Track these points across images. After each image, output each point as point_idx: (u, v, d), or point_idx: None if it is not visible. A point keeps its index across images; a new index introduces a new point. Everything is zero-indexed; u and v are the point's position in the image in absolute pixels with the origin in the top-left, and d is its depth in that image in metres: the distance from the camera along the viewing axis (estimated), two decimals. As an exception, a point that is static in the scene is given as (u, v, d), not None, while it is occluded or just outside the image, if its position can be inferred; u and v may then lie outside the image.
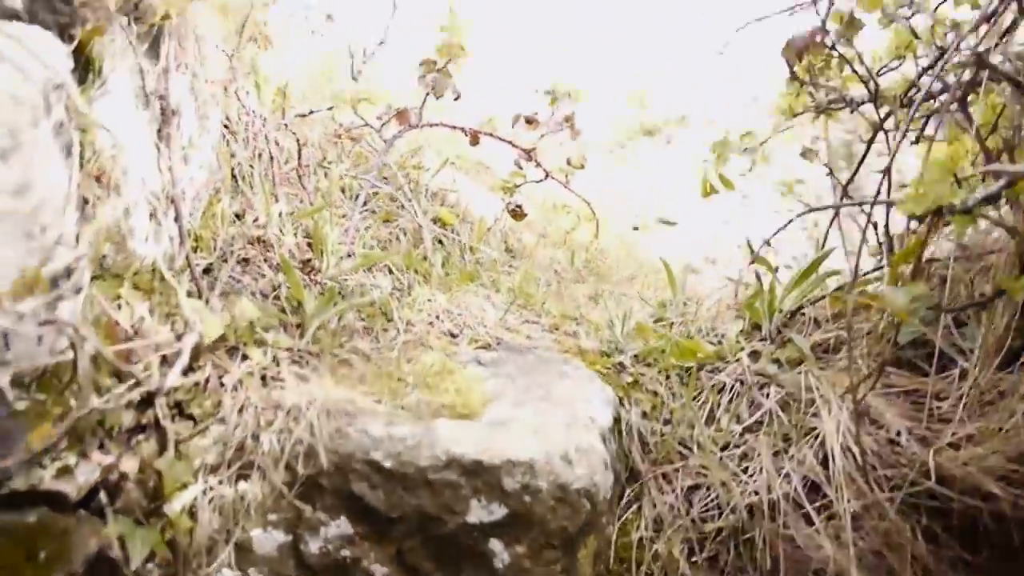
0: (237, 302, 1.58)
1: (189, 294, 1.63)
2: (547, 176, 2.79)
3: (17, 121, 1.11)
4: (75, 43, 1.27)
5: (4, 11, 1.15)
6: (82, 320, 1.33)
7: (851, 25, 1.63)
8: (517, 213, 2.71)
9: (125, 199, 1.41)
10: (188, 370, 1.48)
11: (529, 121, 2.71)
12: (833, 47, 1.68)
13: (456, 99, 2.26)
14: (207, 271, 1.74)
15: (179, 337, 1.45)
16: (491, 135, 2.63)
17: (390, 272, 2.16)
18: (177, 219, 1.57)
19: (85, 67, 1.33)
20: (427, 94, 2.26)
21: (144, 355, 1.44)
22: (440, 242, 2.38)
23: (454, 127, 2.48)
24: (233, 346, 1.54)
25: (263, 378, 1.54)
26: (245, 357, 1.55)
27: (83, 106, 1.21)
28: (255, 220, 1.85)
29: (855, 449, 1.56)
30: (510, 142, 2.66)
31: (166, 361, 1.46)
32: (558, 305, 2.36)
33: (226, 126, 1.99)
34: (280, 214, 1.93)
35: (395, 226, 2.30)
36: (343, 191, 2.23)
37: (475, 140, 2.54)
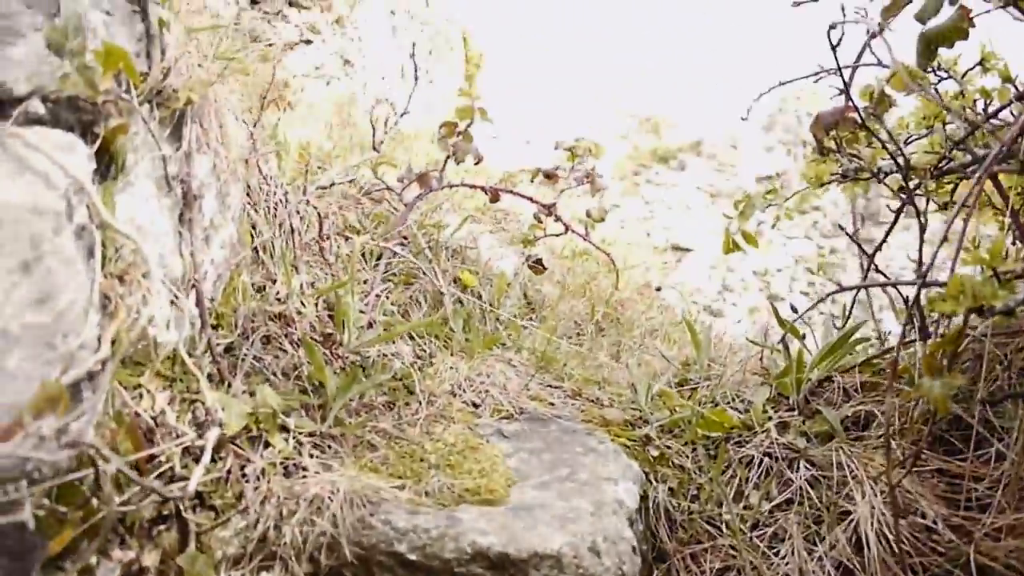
0: (259, 388, 1.56)
1: (211, 377, 1.62)
2: (567, 230, 2.78)
3: (39, 231, 1.10)
4: (99, 141, 1.27)
5: (28, 118, 1.15)
6: (103, 417, 1.31)
7: (881, 102, 1.60)
8: (536, 268, 2.69)
9: (147, 289, 1.40)
10: (210, 461, 1.46)
11: (549, 176, 2.70)
12: (863, 124, 1.65)
13: (477, 163, 2.25)
14: (229, 350, 1.72)
15: (201, 431, 1.43)
16: (512, 192, 2.62)
17: (412, 338, 2.14)
18: (199, 303, 1.56)
19: (108, 162, 1.32)
20: (447, 157, 2.25)
21: (166, 445, 1.42)
22: (460, 302, 2.35)
23: (475, 186, 2.47)
24: (255, 434, 1.53)
25: (285, 467, 1.51)
26: (267, 444, 1.53)
27: (106, 214, 1.20)
28: (276, 294, 1.84)
29: (890, 536, 1.52)
30: (530, 198, 2.65)
31: (188, 452, 1.44)
32: (580, 367, 2.33)
33: (247, 195, 1.98)
34: (301, 286, 1.92)
35: (415, 289, 2.28)
36: (364, 255, 2.21)
37: (495, 198, 2.53)
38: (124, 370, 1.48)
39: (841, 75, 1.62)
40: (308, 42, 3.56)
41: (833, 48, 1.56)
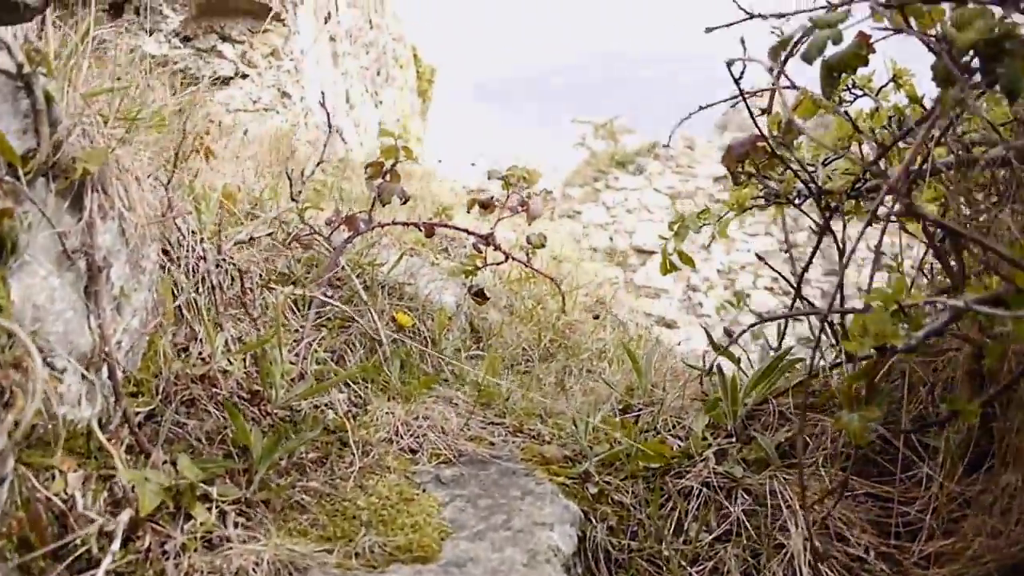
0: (180, 458, 1.52)
1: (131, 448, 1.58)
2: (507, 258, 2.76)
3: (-84, 331, 1.06)
4: (-17, 226, 1.23)
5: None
6: (8, 507, 1.27)
7: (789, 131, 1.61)
8: (479, 300, 2.67)
9: (47, 372, 1.36)
10: (127, 540, 1.42)
11: (485, 206, 2.68)
12: (773, 153, 1.65)
13: (404, 202, 2.23)
14: (150, 417, 1.68)
15: (116, 510, 1.39)
16: (446, 225, 2.60)
17: (347, 385, 2.11)
18: (111, 375, 1.52)
19: (-2, 245, 1.28)
20: (374, 198, 2.23)
21: (81, 527, 1.38)
22: (398, 343, 2.33)
23: (407, 224, 2.45)
24: (175, 508, 1.49)
25: (208, 540, 1.48)
26: (189, 517, 1.49)
27: (-13, 306, 1.17)
28: (200, 354, 1.80)
29: (823, 569, 1.51)
30: (466, 230, 2.63)
31: (105, 534, 1.40)
32: (523, 399, 2.31)
33: (166, 252, 1.95)
34: (227, 342, 1.88)
35: (351, 332, 2.25)
36: (296, 303, 2.18)
37: (430, 233, 2.51)
38: (34, 452, 1.43)
39: (747, 104, 1.62)
40: (244, 76, 3.52)
41: (736, 81, 1.57)
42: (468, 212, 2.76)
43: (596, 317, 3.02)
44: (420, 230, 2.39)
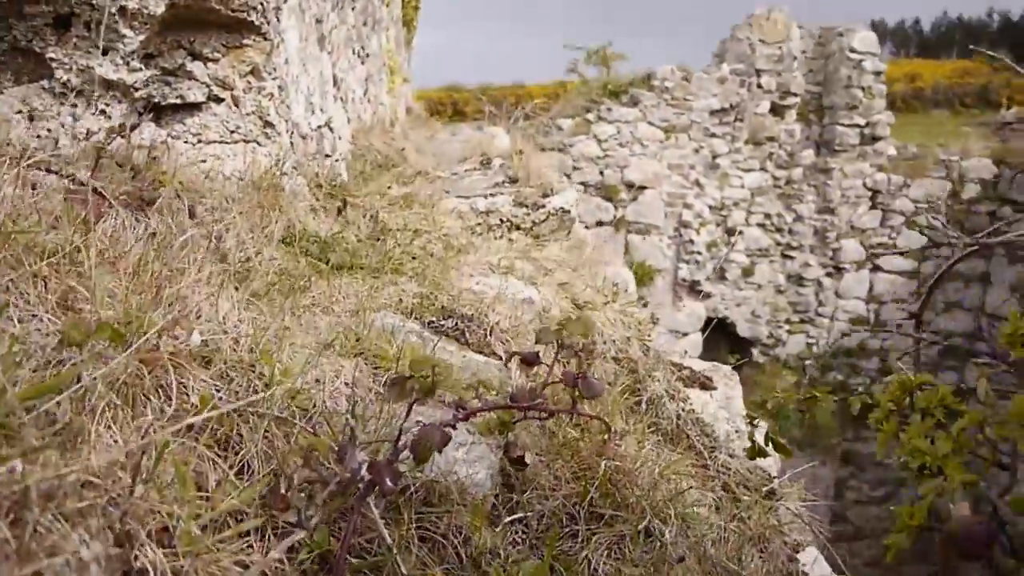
0: None
1: None
2: (551, 416, 2.29)
3: None
4: None
5: None
6: None
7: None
8: (519, 466, 2.19)
9: None
10: None
11: (529, 363, 2.19)
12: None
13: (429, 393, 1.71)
14: None
15: None
16: (487, 409, 2.10)
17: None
18: None
19: None
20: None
21: None
22: None
23: (445, 426, 1.91)
24: None
25: None
26: None
27: None
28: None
29: None
30: (508, 405, 2.10)
31: None
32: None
33: None
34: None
35: None
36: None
37: (466, 418, 1.99)
38: None
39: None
40: (218, 100, 2.95)
41: None
42: (507, 365, 2.28)
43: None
44: (455, 427, 1.85)
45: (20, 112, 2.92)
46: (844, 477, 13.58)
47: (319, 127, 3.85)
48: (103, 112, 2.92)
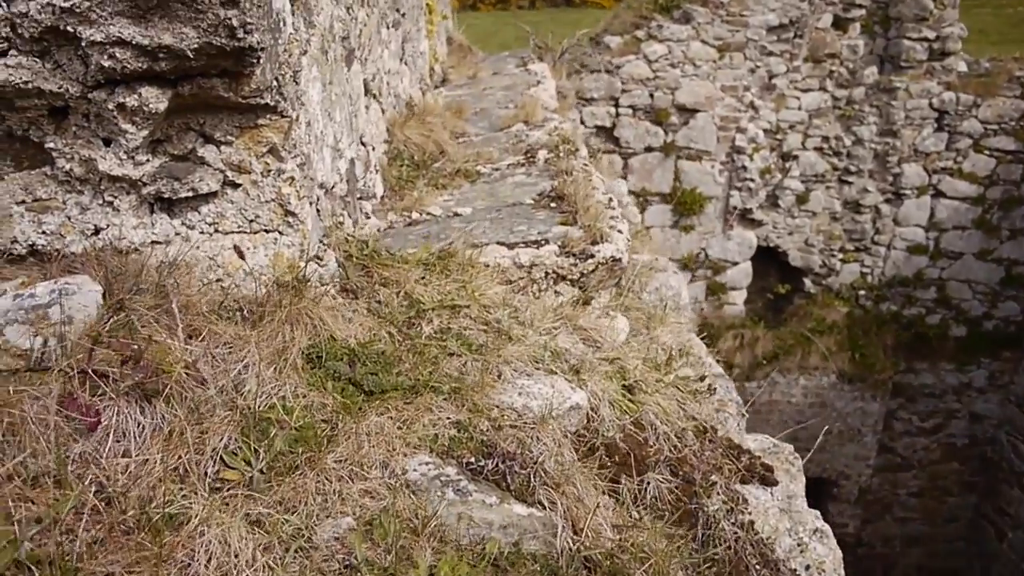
0: None
1: None
2: None
3: None
4: None
5: None
6: None
7: None
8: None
9: None
10: None
11: None
12: None
13: None
14: None
15: None
16: None
17: None
18: None
19: None
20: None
21: None
22: None
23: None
24: None
25: None
26: None
27: None
28: None
29: None
30: None
31: None
32: None
33: None
34: None
35: None
36: None
37: None
38: None
39: None
40: (235, 185, 2.71)
41: None
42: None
43: None
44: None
45: (23, 202, 2.68)
46: (893, 408, 13.36)
47: (349, 165, 3.56)
48: (110, 204, 2.67)
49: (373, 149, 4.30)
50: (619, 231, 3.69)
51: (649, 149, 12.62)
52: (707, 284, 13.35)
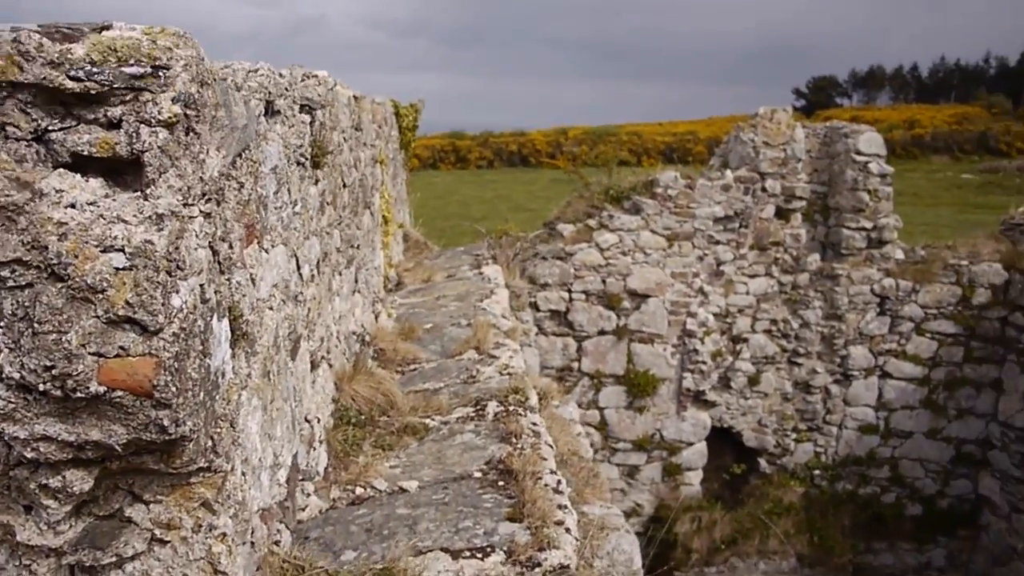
0: None
1: None
2: None
3: None
4: None
5: None
6: None
7: None
8: None
9: None
10: None
11: None
12: None
13: None
14: None
15: None
16: None
17: None
18: None
19: None
20: None
21: None
22: None
23: None
24: None
25: None
26: None
27: None
28: None
29: None
30: None
31: None
32: None
33: None
34: None
35: None
36: None
37: None
38: None
39: None
40: (162, 542, 2.57)
41: None
42: None
43: None
44: None
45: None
46: (855, 593, 13.09)
47: (289, 470, 3.48)
48: (28, 567, 2.52)
49: (318, 421, 4.23)
50: (567, 529, 3.62)
51: (602, 332, 12.75)
52: (663, 465, 13.24)
